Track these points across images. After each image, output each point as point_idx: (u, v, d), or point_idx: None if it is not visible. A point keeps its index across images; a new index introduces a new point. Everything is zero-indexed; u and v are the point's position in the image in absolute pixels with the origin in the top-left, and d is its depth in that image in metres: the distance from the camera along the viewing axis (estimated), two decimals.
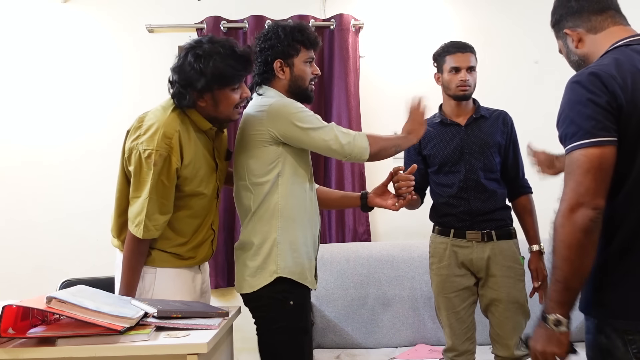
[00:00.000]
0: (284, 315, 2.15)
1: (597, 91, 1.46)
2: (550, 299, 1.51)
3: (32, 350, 1.74)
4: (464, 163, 2.65)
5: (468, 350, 2.68)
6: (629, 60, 1.51)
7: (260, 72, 2.25)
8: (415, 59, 3.73)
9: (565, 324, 1.49)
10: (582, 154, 1.45)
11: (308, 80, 2.26)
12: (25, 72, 3.76)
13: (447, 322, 2.68)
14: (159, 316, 1.92)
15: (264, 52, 2.23)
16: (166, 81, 2.21)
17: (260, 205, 2.16)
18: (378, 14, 3.76)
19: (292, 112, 2.12)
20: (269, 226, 2.16)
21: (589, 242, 1.44)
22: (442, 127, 2.71)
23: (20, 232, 3.71)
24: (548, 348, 1.51)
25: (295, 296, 2.17)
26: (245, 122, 2.22)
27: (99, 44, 3.78)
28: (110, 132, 3.74)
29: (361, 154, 2.16)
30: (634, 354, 1.48)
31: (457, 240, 2.66)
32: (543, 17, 3.57)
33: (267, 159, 2.15)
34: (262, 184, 2.15)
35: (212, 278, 3.62)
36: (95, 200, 3.71)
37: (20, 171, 3.73)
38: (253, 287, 2.17)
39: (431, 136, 2.69)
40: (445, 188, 2.68)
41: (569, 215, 1.45)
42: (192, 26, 3.71)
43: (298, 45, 2.22)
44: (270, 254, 2.15)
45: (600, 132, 1.44)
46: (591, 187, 1.43)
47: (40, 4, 3.77)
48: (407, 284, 3.44)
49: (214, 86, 2.09)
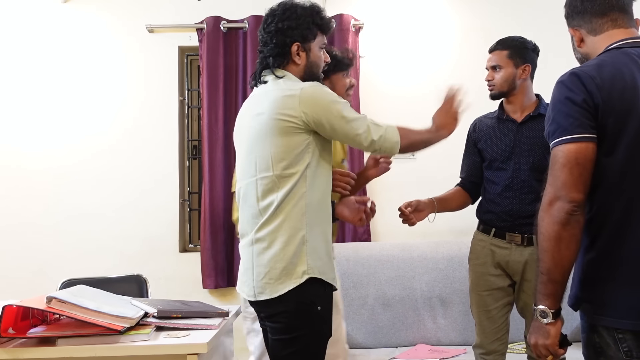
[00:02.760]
0: (310, 322, 1.95)
1: (575, 90, 1.51)
2: (537, 291, 1.56)
3: (32, 350, 1.74)
4: (513, 161, 2.59)
5: (497, 351, 2.63)
6: (613, 62, 1.54)
7: (275, 54, 2.05)
8: (416, 59, 3.73)
9: (550, 315, 1.53)
10: (560, 150, 1.51)
11: (322, 67, 2.13)
12: (25, 72, 3.76)
13: (478, 319, 2.65)
14: (159, 316, 1.92)
15: (280, 32, 2.03)
16: (167, 82, 2.20)
17: (286, 199, 1.95)
18: (378, 14, 3.76)
19: (329, 98, 1.97)
20: (296, 222, 1.95)
21: (567, 235, 1.49)
22: (497, 122, 2.67)
23: (20, 232, 3.71)
24: (539, 340, 1.56)
25: (323, 299, 1.99)
26: (268, 106, 1.98)
27: (99, 44, 3.78)
28: (110, 133, 3.75)
29: (392, 148, 2.05)
30: (625, 352, 1.49)
31: (497, 240, 2.61)
32: (543, 17, 3.60)
33: (296, 148, 1.96)
34: (290, 175, 1.95)
35: (212, 278, 3.63)
36: (95, 200, 3.72)
37: (21, 172, 3.73)
38: (277, 292, 1.93)
39: (485, 130, 2.68)
40: (493, 185, 2.64)
41: (548, 208, 1.51)
42: (192, 26, 3.71)
43: (316, 29, 2.07)
44: (300, 253, 1.94)
45: (577, 129, 1.50)
46: (568, 181, 1.49)
47: (40, 4, 3.77)
48: (407, 284, 3.44)
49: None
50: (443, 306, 3.42)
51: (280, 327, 1.96)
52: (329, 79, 2.46)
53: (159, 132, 3.76)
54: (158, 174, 3.74)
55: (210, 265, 3.62)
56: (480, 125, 2.72)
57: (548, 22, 3.52)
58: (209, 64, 3.65)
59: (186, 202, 3.89)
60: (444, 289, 3.42)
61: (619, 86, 1.50)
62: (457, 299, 3.40)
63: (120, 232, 3.70)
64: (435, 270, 3.44)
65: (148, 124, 3.75)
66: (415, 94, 3.64)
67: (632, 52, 1.56)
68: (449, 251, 3.47)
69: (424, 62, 3.76)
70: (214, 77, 3.66)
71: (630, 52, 1.56)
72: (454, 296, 3.41)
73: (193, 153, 3.93)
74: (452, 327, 3.40)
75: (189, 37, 3.76)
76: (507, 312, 2.65)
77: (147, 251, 3.68)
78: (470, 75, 3.64)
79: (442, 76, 3.71)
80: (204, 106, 3.66)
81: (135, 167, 3.73)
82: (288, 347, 1.95)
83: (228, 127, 3.63)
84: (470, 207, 2.78)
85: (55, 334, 1.76)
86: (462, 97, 2.19)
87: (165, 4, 3.77)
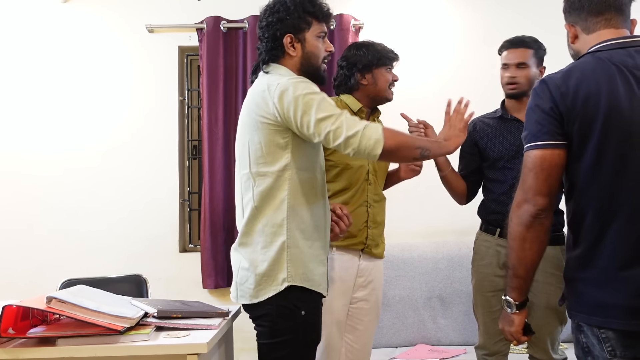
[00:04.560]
0: (294, 328, 1.91)
1: (544, 97, 1.58)
2: (505, 283, 1.73)
3: (32, 350, 1.74)
4: (520, 160, 2.58)
5: (500, 352, 2.62)
6: (582, 69, 1.57)
7: (268, 48, 2.00)
8: (416, 59, 3.73)
9: (515, 307, 1.70)
10: (528, 155, 1.60)
11: (321, 57, 2.02)
12: (25, 72, 3.76)
13: (482, 320, 2.64)
14: (159, 316, 1.92)
15: (271, 26, 1.98)
16: (167, 82, 2.20)
17: (264, 200, 1.91)
18: (378, 14, 3.76)
19: (300, 92, 1.84)
20: (276, 228, 1.91)
21: (530, 236, 1.59)
22: (500, 122, 2.65)
23: (20, 232, 3.71)
24: (506, 327, 1.74)
25: (308, 304, 1.93)
26: (249, 103, 1.97)
27: (98, 44, 3.77)
28: (110, 133, 3.75)
29: (372, 147, 1.82)
30: (609, 351, 1.52)
31: (502, 240, 2.56)
32: (543, 17, 3.59)
33: (271, 146, 1.90)
34: (265, 174, 1.91)
35: (212, 278, 3.63)
36: (95, 200, 3.72)
37: (21, 172, 3.73)
38: (257, 298, 1.92)
39: (487, 130, 2.66)
40: (497, 184, 2.62)
41: (516, 210, 1.61)
42: (192, 26, 3.70)
43: (309, 18, 1.98)
44: (280, 259, 1.90)
45: (544, 135, 1.56)
46: (533, 186, 1.58)
47: (40, 4, 3.77)
48: (407, 284, 3.44)
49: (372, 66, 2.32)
50: (443, 306, 3.42)
51: (264, 330, 1.94)
52: (371, 73, 2.47)
53: (159, 132, 3.76)
54: (158, 174, 3.74)
55: (210, 265, 3.62)
56: (481, 125, 2.71)
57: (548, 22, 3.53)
58: (209, 64, 3.65)
59: (186, 202, 3.89)
60: (444, 289, 3.42)
61: (582, 93, 1.53)
62: (457, 299, 3.40)
63: (120, 232, 3.70)
64: (435, 270, 3.44)
65: (148, 124, 3.75)
66: (415, 94, 3.63)
67: (604, 56, 1.57)
68: (449, 251, 3.47)
69: (424, 62, 3.75)
70: (214, 77, 3.66)
71: (603, 57, 1.57)
72: (454, 296, 3.41)
73: (193, 153, 3.93)
74: (452, 327, 3.40)
75: (189, 37, 3.76)
76: None
77: (147, 251, 3.68)
78: (470, 75, 3.66)
79: (443, 76, 3.72)
80: (204, 106, 3.66)
81: (135, 167, 3.73)
82: (273, 352, 1.93)
83: (228, 127, 3.63)
84: (470, 207, 2.77)
85: (55, 334, 1.76)
86: (465, 110, 2.11)
87: (165, 4, 3.77)
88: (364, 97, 2.51)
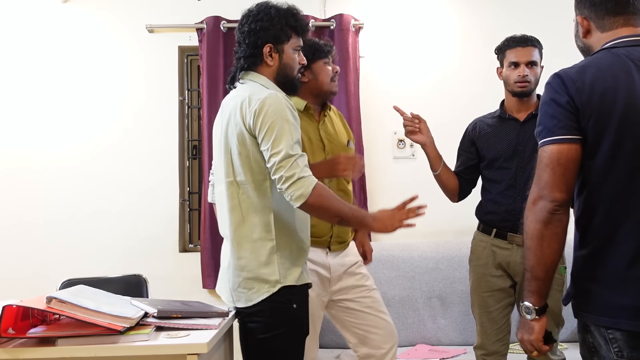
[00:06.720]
0: (287, 321, 2.01)
1: (560, 91, 1.54)
2: (524, 288, 1.61)
3: (32, 350, 1.74)
4: (517, 160, 2.58)
5: (498, 352, 2.63)
6: (597, 64, 1.55)
7: (247, 55, 2.05)
8: (416, 59, 3.73)
9: (534, 312, 1.58)
10: (544, 151, 1.55)
11: (296, 69, 2.10)
12: (25, 72, 3.76)
13: (479, 320, 2.65)
14: (159, 316, 1.92)
15: (253, 33, 2.04)
16: (167, 82, 2.21)
17: (251, 207, 1.99)
18: (378, 14, 3.76)
19: (282, 114, 1.91)
20: (265, 234, 1.98)
21: (549, 233, 1.52)
22: (499, 121, 2.66)
23: (21, 232, 3.71)
24: (524, 336, 1.61)
25: (298, 297, 2.03)
26: (234, 113, 2.01)
27: (98, 44, 3.77)
28: (110, 133, 3.75)
29: (297, 197, 1.87)
30: (615, 352, 1.50)
31: (498, 241, 2.60)
32: (544, 17, 3.59)
33: (251, 157, 1.97)
34: (245, 183, 1.99)
35: (212, 278, 3.62)
36: (95, 200, 3.72)
37: (21, 172, 3.73)
38: (252, 300, 2.00)
39: (486, 130, 2.67)
40: (494, 184, 2.63)
41: (532, 207, 1.55)
42: (192, 26, 3.70)
43: (290, 31, 2.06)
44: (271, 263, 1.98)
45: (560, 130, 1.52)
46: (549, 181, 1.52)
47: (40, 4, 3.76)
48: (407, 284, 3.44)
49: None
50: (443, 306, 3.42)
51: (258, 326, 2.01)
52: (310, 69, 2.45)
53: (159, 132, 3.76)
54: (158, 174, 3.74)
55: (210, 265, 3.62)
56: (481, 125, 2.72)
57: (549, 23, 3.53)
58: (209, 64, 3.65)
59: (186, 202, 3.89)
60: (444, 289, 3.42)
61: (599, 89, 1.51)
62: (457, 299, 3.40)
63: (120, 232, 3.70)
64: (435, 270, 3.44)
65: (148, 124, 3.75)
66: (415, 94, 3.64)
67: (621, 52, 1.55)
68: (449, 251, 3.47)
69: (424, 62, 3.75)
70: (214, 77, 3.66)
71: (620, 53, 1.55)
72: (454, 296, 3.41)
73: (193, 153, 3.93)
74: (452, 327, 3.40)
75: (189, 37, 3.76)
76: (508, 313, 2.64)
77: (147, 251, 3.68)
78: (470, 75, 3.67)
79: (443, 76, 3.72)
80: (204, 106, 3.66)
81: (135, 167, 3.73)
82: (267, 346, 2.01)
83: None
84: (470, 207, 2.78)
85: (55, 334, 1.76)
86: (415, 213, 2.04)
87: (165, 4, 3.77)
88: (308, 94, 2.50)
